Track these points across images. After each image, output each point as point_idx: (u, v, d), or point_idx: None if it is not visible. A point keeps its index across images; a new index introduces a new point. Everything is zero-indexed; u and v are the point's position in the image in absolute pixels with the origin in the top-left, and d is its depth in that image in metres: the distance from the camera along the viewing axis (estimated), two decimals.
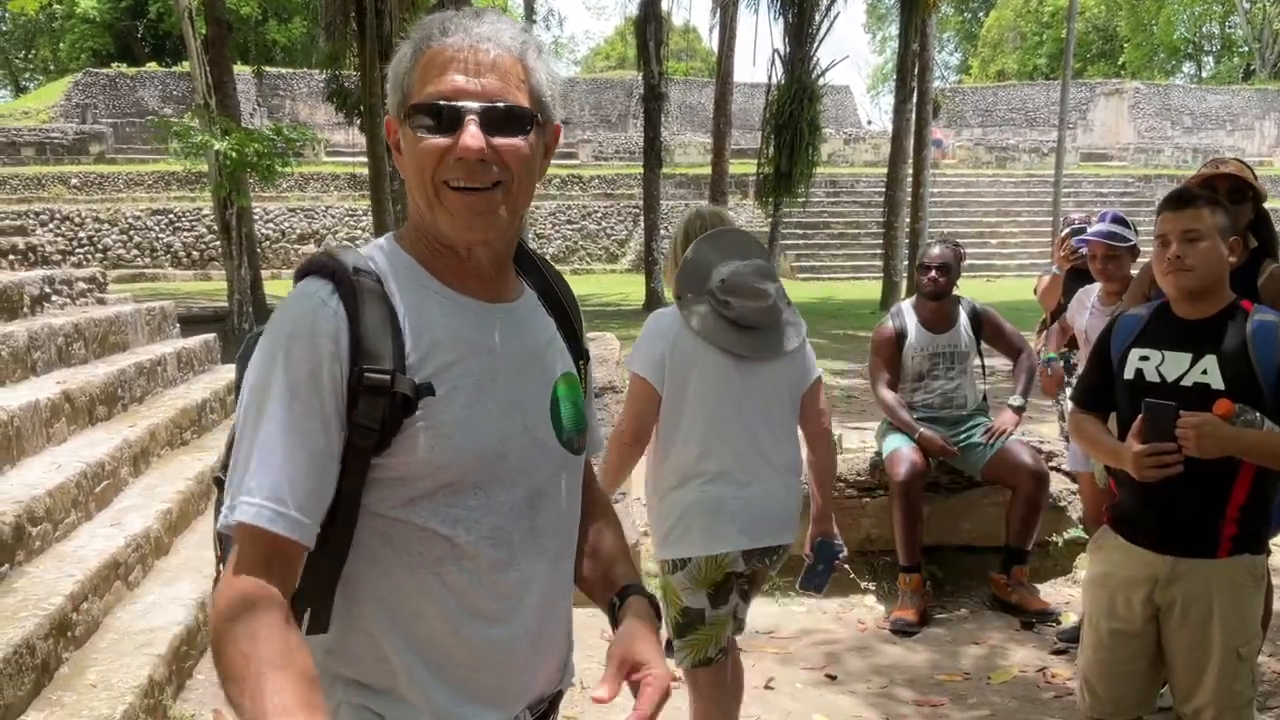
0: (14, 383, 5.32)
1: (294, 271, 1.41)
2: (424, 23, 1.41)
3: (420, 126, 1.34)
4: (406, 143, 1.38)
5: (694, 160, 34.44)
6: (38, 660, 3.39)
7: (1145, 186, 35.01)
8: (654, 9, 22.87)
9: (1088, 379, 3.05)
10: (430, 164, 1.34)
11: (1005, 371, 6.01)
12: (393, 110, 1.40)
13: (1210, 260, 2.70)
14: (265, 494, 1.27)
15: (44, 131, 32.11)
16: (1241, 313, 2.73)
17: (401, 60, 1.39)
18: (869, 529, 5.21)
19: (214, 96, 14.46)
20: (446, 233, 1.39)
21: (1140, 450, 2.63)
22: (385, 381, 1.30)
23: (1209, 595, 2.71)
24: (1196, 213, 2.71)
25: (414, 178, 1.37)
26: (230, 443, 1.39)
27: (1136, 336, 2.84)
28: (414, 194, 1.39)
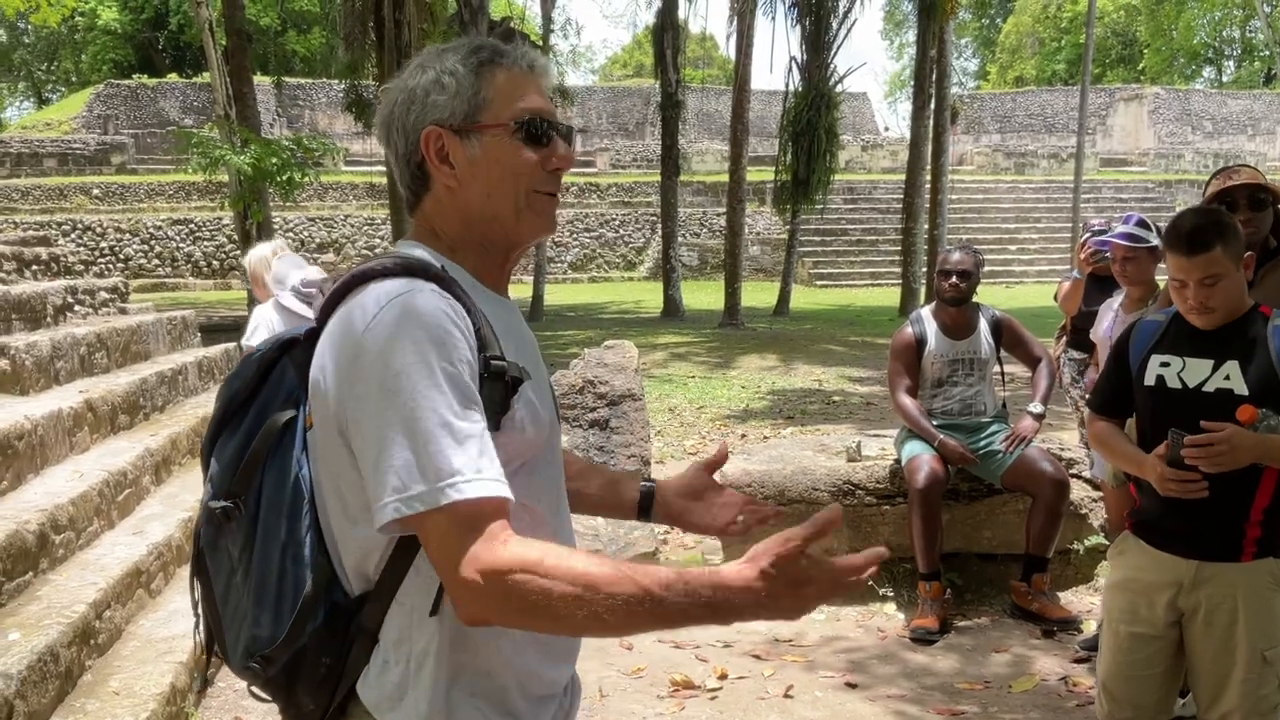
0: (37, 392, 5.36)
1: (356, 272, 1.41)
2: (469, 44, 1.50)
3: (520, 139, 1.46)
4: (497, 152, 1.46)
5: (711, 168, 34.48)
6: (61, 667, 3.41)
7: (1166, 192, 34.85)
8: (671, 17, 22.91)
9: (1106, 385, 3.03)
10: (528, 173, 1.47)
11: (1024, 378, 5.98)
12: (448, 120, 1.45)
13: (1232, 295, 2.69)
14: (475, 469, 1.30)
15: (66, 142, 32.42)
16: (1261, 318, 2.73)
17: (454, 75, 1.46)
18: (888, 536, 5.19)
19: (234, 107, 14.55)
20: (525, 234, 1.51)
21: (1167, 473, 2.64)
22: (504, 367, 1.39)
23: (1234, 599, 2.70)
24: (1211, 257, 2.65)
25: (504, 185, 1.46)
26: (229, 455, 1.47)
27: (1156, 343, 2.83)
28: (497, 200, 1.47)
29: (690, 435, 9.50)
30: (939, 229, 22.44)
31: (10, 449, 4.37)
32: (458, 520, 1.29)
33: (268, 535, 1.42)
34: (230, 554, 1.46)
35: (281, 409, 1.46)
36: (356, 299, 1.38)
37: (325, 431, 1.40)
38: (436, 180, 1.48)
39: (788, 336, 18.35)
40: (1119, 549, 3.01)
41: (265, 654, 1.41)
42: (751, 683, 4.29)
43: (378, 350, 1.31)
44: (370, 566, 1.40)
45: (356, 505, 1.38)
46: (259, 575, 1.41)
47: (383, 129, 1.52)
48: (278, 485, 1.43)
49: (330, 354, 1.38)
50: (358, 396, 1.32)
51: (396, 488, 1.28)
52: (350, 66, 19.55)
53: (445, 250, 1.49)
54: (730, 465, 5.40)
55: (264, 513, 1.43)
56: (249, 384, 1.48)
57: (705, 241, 32.30)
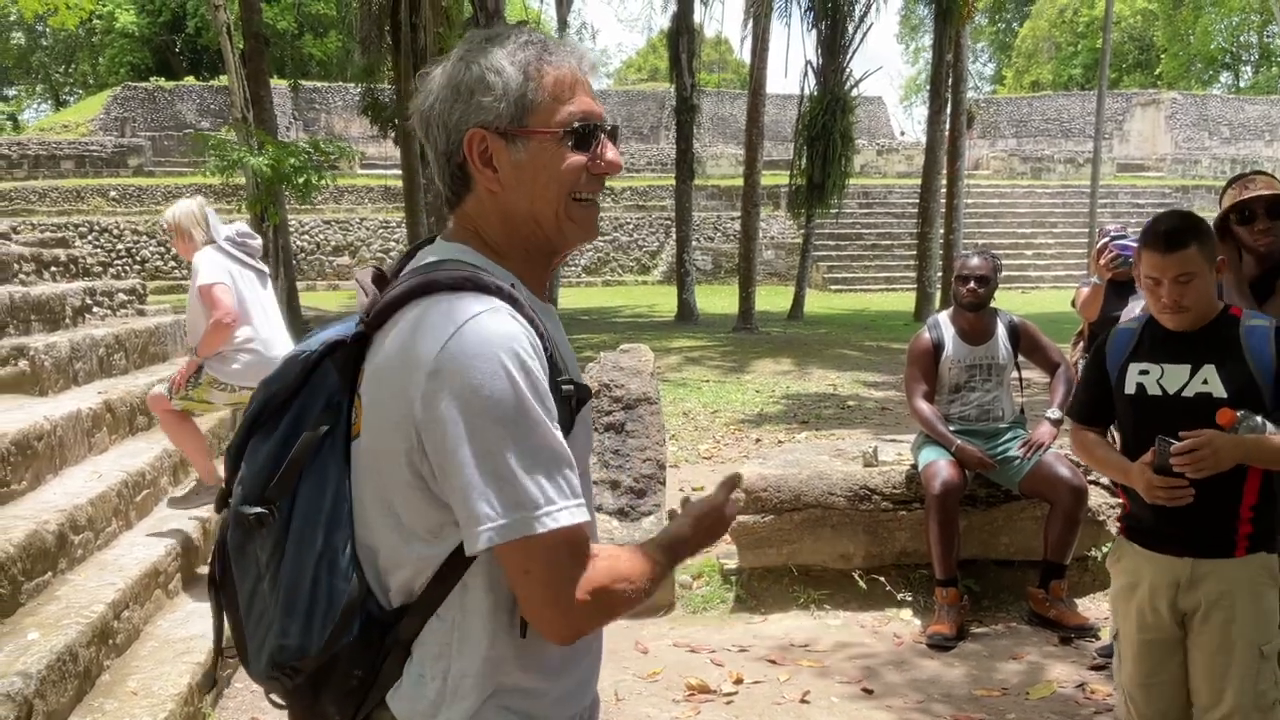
0: (56, 393, 5.39)
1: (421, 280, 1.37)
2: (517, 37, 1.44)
3: (569, 144, 1.43)
4: (543, 158, 1.42)
5: (726, 171, 34.49)
6: (80, 667, 3.43)
7: (1183, 197, 34.67)
8: (686, 21, 22.92)
9: (1087, 394, 3.07)
10: (573, 178, 1.44)
11: (1042, 384, 5.96)
12: (493, 123, 1.41)
13: (1205, 296, 2.74)
14: (568, 494, 1.33)
15: (83, 145, 32.58)
16: (1232, 319, 2.78)
17: (501, 75, 1.41)
18: (905, 542, 5.18)
19: (251, 110, 14.62)
20: (569, 240, 1.49)
21: (1154, 480, 2.66)
22: (572, 391, 1.40)
23: (1230, 595, 2.72)
24: (1186, 255, 2.70)
25: (548, 190, 1.43)
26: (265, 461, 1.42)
27: (1132, 351, 2.87)
28: (539, 207, 1.44)
29: (705, 439, 9.49)
30: (954, 234, 22.39)
31: (29, 449, 4.39)
32: (558, 546, 1.32)
33: (302, 544, 1.37)
34: (258, 560, 1.40)
35: (321, 414, 1.40)
36: (425, 310, 1.34)
37: (382, 445, 1.36)
38: (478, 182, 1.44)
39: (802, 341, 18.32)
40: (1116, 556, 3.02)
41: (294, 664, 1.38)
42: (767, 688, 4.27)
43: (462, 373, 1.28)
44: (418, 582, 1.38)
45: (414, 523, 1.36)
46: (289, 584, 1.37)
47: (421, 122, 1.46)
48: (315, 493, 1.38)
49: (397, 366, 1.34)
50: (439, 419, 1.29)
51: (487, 516, 1.29)
52: (366, 70, 19.65)
53: (490, 254, 1.46)
54: (746, 469, 5.39)
55: (298, 520, 1.37)
56: (290, 386, 1.41)
57: (719, 245, 32.29)
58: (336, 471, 1.39)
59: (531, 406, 1.30)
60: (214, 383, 5.03)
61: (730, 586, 5.29)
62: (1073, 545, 4.88)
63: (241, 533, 1.41)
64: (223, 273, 4.98)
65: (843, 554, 5.19)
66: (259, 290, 5.21)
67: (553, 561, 1.32)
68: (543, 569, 1.32)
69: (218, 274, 4.96)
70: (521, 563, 1.31)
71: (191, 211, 5.16)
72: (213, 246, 5.07)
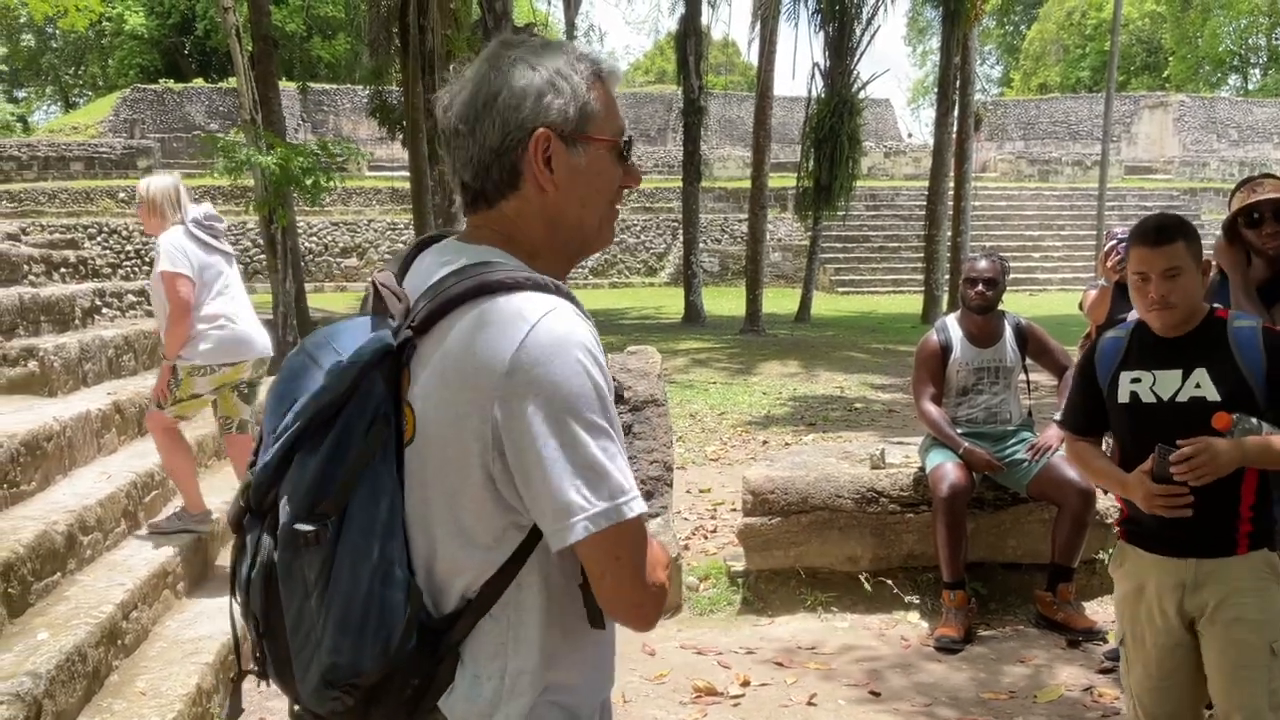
0: (66, 394, 5.41)
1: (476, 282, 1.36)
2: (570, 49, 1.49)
3: (617, 156, 1.51)
4: (599, 164, 1.49)
5: (733, 174, 34.50)
6: (89, 668, 3.44)
7: (1191, 200, 34.62)
8: (694, 23, 22.92)
9: (1079, 405, 3.05)
10: (615, 187, 1.52)
11: (1050, 387, 5.95)
12: (560, 125, 1.44)
13: (1191, 293, 2.73)
14: (634, 485, 1.36)
15: (93, 146, 32.66)
16: (1219, 322, 2.77)
17: (568, 81, 1.45)
18: (912, 545, 5.17)
19: (260, 112, 14.60)
20: (601, 244, 1.55)
21: (1153, 489, 2.66)
22: (619, 390, 1.44)
23: (1236, 594, 2.71)
24: (1174, 249, 2.71)
25: (599, 196, 1.50)
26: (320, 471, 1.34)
27: (1122, 359, 2.86)
28: (588, 210, 1.49)
29: (712, 441, 9.49)
30: (962, 236, 22.38)
31: (39, 450, 4.41)
32: (635, 534, 1.36)
33: (357, 557, 1.32)
34: (305, 579, 1.34)
35: (372, 424, 1.35)
36: (488, 311, 1.34)
37: (446, 450, 1.35)
38: (528, 182, 1.44)
39: (809, 343, 18.31)
40: (1118, 560, 3.01)
41: (352, 681, 1.33)
42: (774, 690, 4.27)
43: (543, 370, 1.30)
44: (474, 586, 1.38)
45: (478, 527, 1.36)
46: (344, 599, 1.32)
47: (468, 117, 1.44)
48: (370, 505, 1.34)
49: (465, 368, 1.33)
50: (522, 417, 1.30)
51: (580, 506, 1.30)
52: (375, 72, 19.68)
53: (524, 256, 1.45)
54: (752, 471, 5.39)
55: (353, 534, 1.33)
56: (340, 397, 1.34)
57: (726, 247, 32.29)
58: (390, 481, 1.35)
59: (607, 400, 1.35)
60: (192, 372, 4.94)
61: (737, 588, 5.29)
62: (1080, 548, 4.87)
63: (290, 551, 1.34)
64: (184, 261, 4.88)
65: (850, 556, 5.19)
66: (226, 272, 5.12)
67: (637, 547, 1.36)
68: (630, 555, 1.35)
69: (179, 262, 4.87)
70: (612, 550, 1.34)
71: (167, 188, 5.08)
72: (179, 229, 4.98)
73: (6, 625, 3.45)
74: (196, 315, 4.91)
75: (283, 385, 1.44)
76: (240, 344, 5.05)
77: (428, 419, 1.35)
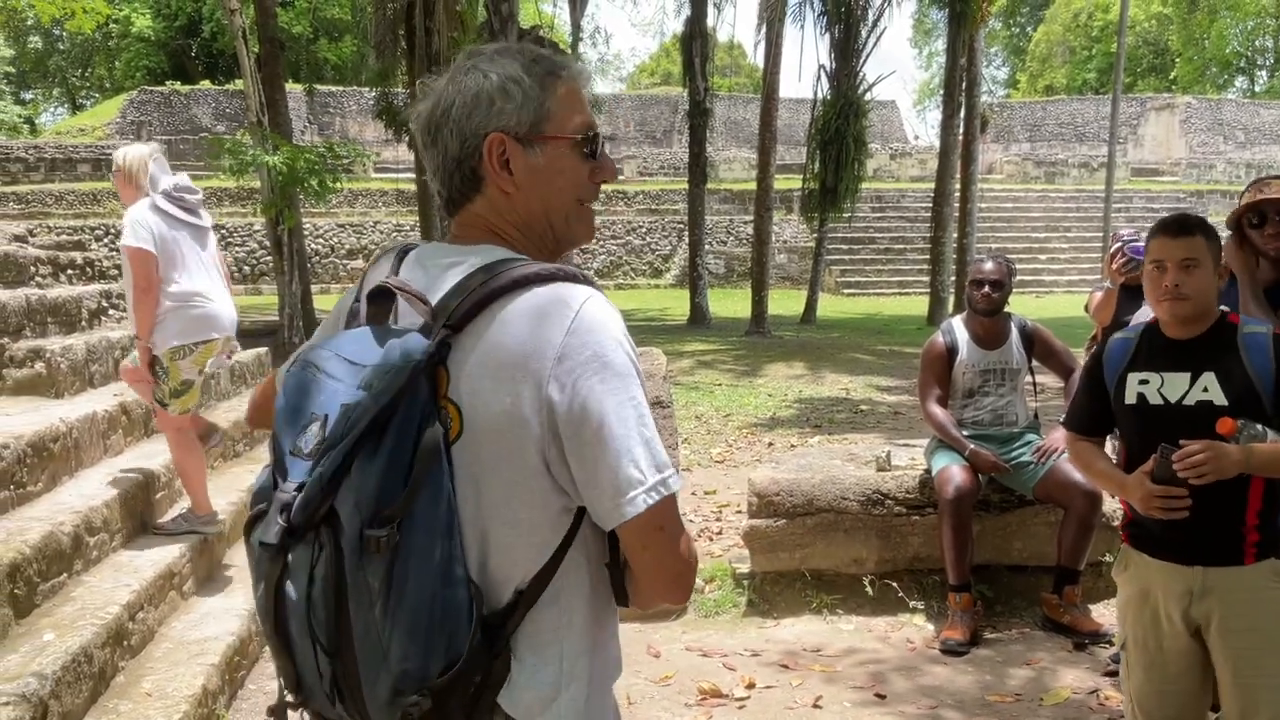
0: (72, 395, 5.42)
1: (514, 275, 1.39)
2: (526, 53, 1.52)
3: (580, 152, 1.52)
4: (559, 162, 1.51)
5: (739, 175, 34.49)
6: (95, 668, 3.44)
7: (1197, 202, 34.55)
8: (700, 25, 22.95)
9: (1084, 405, 3.04)
10: (581, 183, 1.54)
11: (1056, 389, 5.94)
12: (513, 128, 1.48)
13: (1206, 288, 2.73)
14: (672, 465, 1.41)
15: (100, 148, 32.71)
16: (1230, 326, 2.76)
17: (519, 84, 1.48)
18: (918, 547, 5.16)
19: (267, 114, 14.63)
20: (575, 239, 1.58)
21: (1151, 490, 2.65)
22: None
23: (1245, 603, 2.69)
24: (1194, 241, 2.73)
25: (562, 194, 1.53)
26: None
27: (1130, 360, 2.85)
28: (554, 208, 1.53)
29: (717, 443, 9.49)
30: (968, 238, 22.36)
31: (45, 451, 4.42)
32: (674, 506, 1.40)
33: (421, 560, 1.30)
34: (370, 587, 1.30)
35: (423, 422, 1.33)
36: (528, 302, 1.38)
37: (498, 442, 1.36)
38: (490, 185, 1.49)
39: (815, 345, 18.30)
40: (1121, 564, 2.99)
41: (426, 687, 1.31)
42: (779, 692, 4.27)
43: (595, 352, 1.36)
44: (528, 575, 1.39)
45: (534, 515, 1.39)
46: (412, 605, 1.30)
47: (429, 129, 1.50)
48: (432, 506, 1.32)
49: (513, 359, 1.35)
50: (578, 399, 1.34)
51: (639, 480, 1.35)
52: (381, 74, 19.67)
53: (512, 249, 1.49)
54: (758, 474, 5.39)
55: (419, 536, 1.30)
56: (394, 400, 1.31)
57: (732, 249, 32.28)
58: (447, 480, 1.34)
59: (643, 383, 1.41)
60: (173, 356, 4.83)
61: (742, 590, 5.28)
62: (1087, 550, 4.86)
63: (359, 560, 1.30)
64: (149, 236, 4.75)
65: (855, 559, 5.18)
66: (197, 247, 5.02)
67: (676, 518, 1.41)
68: (673, 525, 1.41)
69: (143, 238, 4.74)
70: (658, 522, 1.38)
71: (143, 157, 4.99)
72: (148, 202, 4.86)
73: (13, 626, 3.45)
74: (164, 292, 4.81)
75: (294, 400, 1.41)
76: (212, 320, 4.96)
77: (476, 414, 1.36)
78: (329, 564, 1.32)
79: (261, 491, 1.43)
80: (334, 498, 1.31)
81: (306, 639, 1.36)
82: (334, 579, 1.32)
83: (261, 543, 1.37)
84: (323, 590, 1.33)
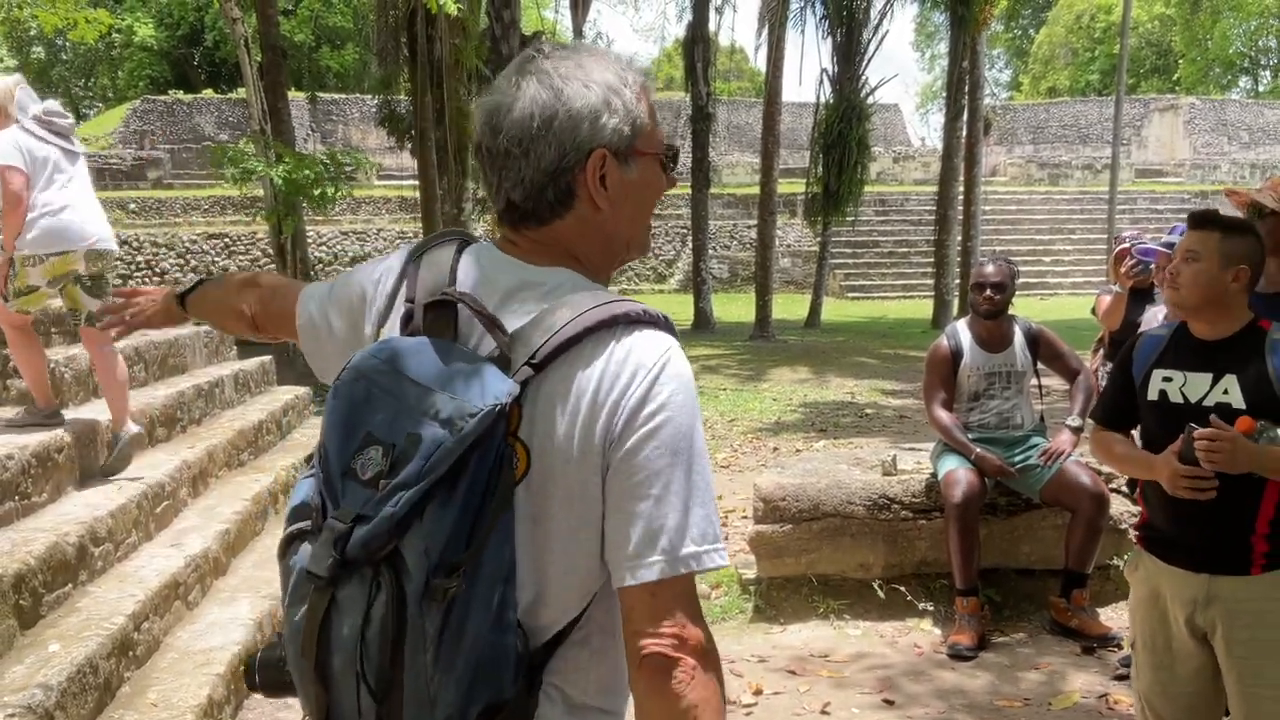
0: (77, 405, 5.43)
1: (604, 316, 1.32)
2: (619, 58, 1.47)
3: (664, 166, 1.48)
4: (648, 177, 1.46)
5: (742, 180, 34.48)
6: (100, 679, 3.44)
7: (1202, 203, 34.45)
8: (702, 30, 22.97)
9: (1111, 399, 3.08)
10: (659, 198, 1.51)
11: (1061, 391, 5.93)
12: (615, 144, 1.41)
13: (1199, 282, 2.73)
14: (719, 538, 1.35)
15: (103, 158, 32.78)
16: (1259, 331, 2.76)
17: (620, 96, 1.42)
18: (925, 551, 5.15)
19: (269, 122, 14.67)
20: (641, 254, 1.55)
21: (1179, 469, 2.64)
22: None
23: (1249, 614, 2.68)
24: (1202, 235, 2.77)
25: (646, 209, 1.49)
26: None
27: (1158, 358, 2.87)
28: (638, 224, 1.49)
29: (723, 448, 9.47)
30: (972, 240, 22.33)
31: (50, 461, 4.42)
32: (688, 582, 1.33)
33: (481, 608, 1.26)
34: (425, 633, 1.24)
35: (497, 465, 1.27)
36: (614, 346, 1.32)
37: (568, 485, 1.32)
38: (583, 202, 1.41)
39: (819, 349, 18.29)
40: (1133, 565, 3.00)
41: None
42: (787, 699, 4.26)
43: (668, 407, 1.31)
44: (566, 618, 1.36)
45: (586, 561, 1.35)
46: (466, 652, 1.25)
47: (522, 139, 1.38)
48: (499, 551, 1.28)
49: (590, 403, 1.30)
50: (642, 451, 1.30)
51: (666, 548, 1.29)
52: (383, 82, 19.68)
53: (589, 274, 1.44)
54: (763, 478, 5.38)
55: (482, 583, 1.26)
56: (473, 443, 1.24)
57: (736, 254, 32.27)
58: (513, 523, 1.30)
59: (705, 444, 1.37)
60: (24, 262, 4.94)
61: (749, 596, 5.27)
62: (1094, 554, 4.84)
63: (420, 607, 1.24)
64: (16, 155, 4.91)
65: (862, 563, 5.17)
66: (67, 165, 5.17)
67: (695, 593, 1.34)
68: (685, 600, 1.33)
69: (11, 156, 4.89)
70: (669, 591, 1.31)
71: (9, 87, 5.11)
72: (16, 126, 5.02)
73: (18, 637, 3.45)
74: (31, 205, 4.95)
75: (348, 414, 1.31)
76: (67, 232, 5.06)
77: (546, 456, 1.31)
78: (388, 607, 1.25)
79: (302, 509, 1.35)
80: (400, 540, 1.24)
81: (351, 678, 1.29)
82: (394, 624, 1.25)
83: (309, 572, 1.29)
84: (379, 633, 1.26)
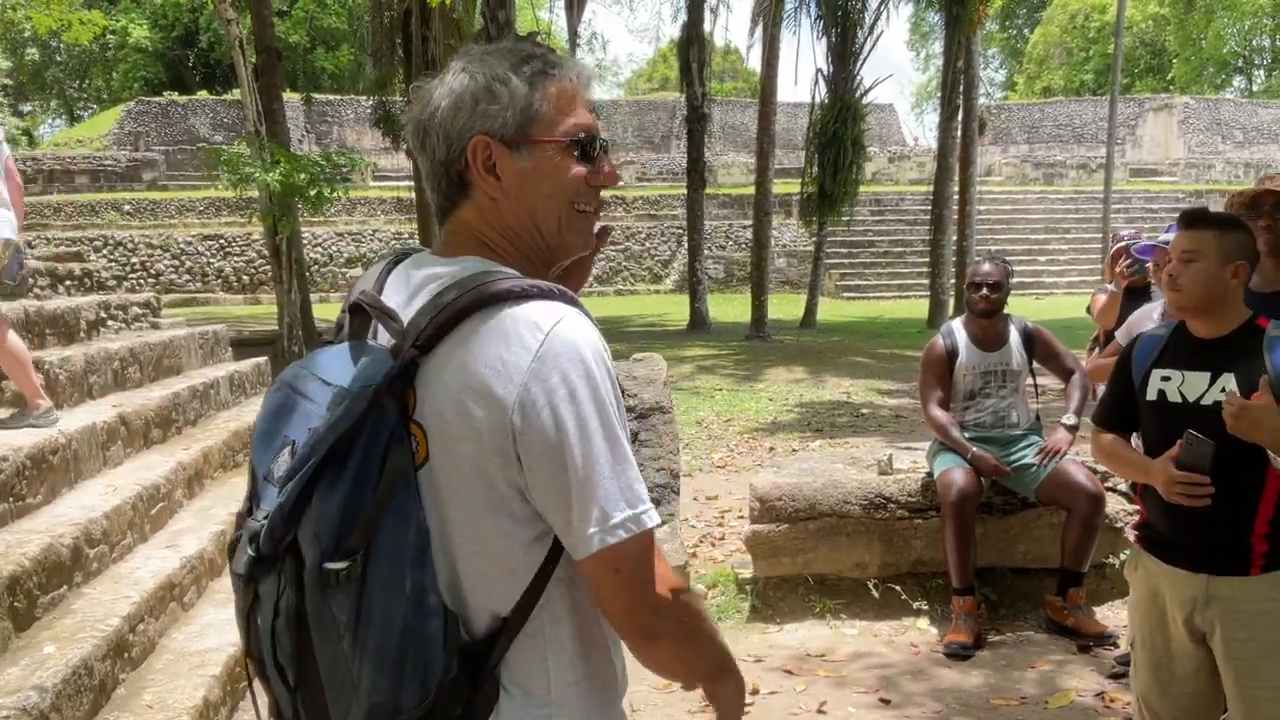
0: (71, 406, 5.41)
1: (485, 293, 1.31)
2: (518, 51, 1.45)
3: (571, 155, 1.44)
4: (547, 166, 1.43)
5: (737, 180, 34.51)
6: (95, 681, 3.42)
7: (1196, 202, 34.49)
8: (697, 30, 22.98)
9: (1110, 399, 3.06)
10: (575, 188, 1.45)
11: (1057, 390, 5.93)
12: (499, 131, 1.41)
13: (1199, 282, 2.72)
14: (647, 499, 1.34)
15: (98, 159, 32.79)
16: (1257, 329, 2.74)
17: (506, 84, 1.40)
18: (921, 551, 5.15)
19: (264, 123, 14.65)
20: (569, 249, 1.49)
21: (1175, 475, 2.63)
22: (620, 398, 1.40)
23: (1248, 614, 2.67)
24: (1197, 234, 2.75)
25: (552, 200, 1.44)
26: None
27: (1157, 357, 2.86)
28: (542, 215, 1.44)
29: (719, 448, 9.48)
30: (967, 240, 22.36)
31: (44, 463, 4.41)
32: (648, 544, 1.34)
33: (389, 591, 1.26)
34: (336, 620, 1.25)
35: (390, 448, 1.27)
36: (499, 322, 1.30)
37: (467, 468, 1.30)
38: (478, 190, 1.42)
39: (815, 349, 18.30)
40: (1132, 564, 3.00)
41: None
42: (784, 698, 4.25)
43: (562, 377, 1.28)
44: (507, 604, 1.34)
45: (505, 543, 1.32)
46: (379, 637, 1.25)
47: (418, 133, 1.44)
48: (398, 533, 1.27)
49: (481, 382, 1.28)
50: (542, 426, 1.27)
51: (598, 518, 1.29)
52: (378, 83, 19.69)
53: (499, 261, 1.42)
54: (759, 478, 5.37)
55: (383, 567, 1.26)
56: (356, 424, 1.26)
57: (731, 254, 32.29)
58: (415, 506, 1.29)
59: (620, 406, 1.34)
60: None
61: (745, 596, 5.26)
62: (1090, 552, 4.84)
63: (320, 593, 1.25)
64: None
65: (858, 563, 5.17)
66: None
67: (644, 559, 1.33)
68: (632, 568, 1.33)
69: None
70: (614, 562, 1.31)
71: None
72: None
73: (13, 639, 3.44)
74: None
75: (267, 423, 1.38)
76: None
77: (441, 438, 1.30)
78: (290, 596, 1.28)
79: (241, 516, 1.39)
80: (295, 528, 1.26)
81: (274, 671, 1.34)
82: (295, 613, 1.28)
83: (234, 572, 1.34)
84: (285, 624, 1.29)
